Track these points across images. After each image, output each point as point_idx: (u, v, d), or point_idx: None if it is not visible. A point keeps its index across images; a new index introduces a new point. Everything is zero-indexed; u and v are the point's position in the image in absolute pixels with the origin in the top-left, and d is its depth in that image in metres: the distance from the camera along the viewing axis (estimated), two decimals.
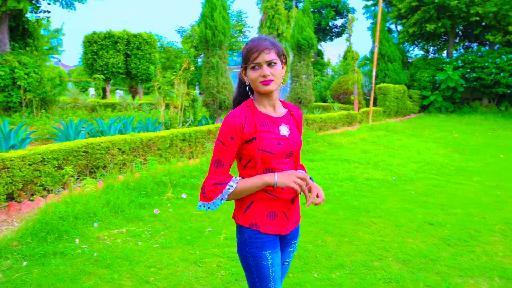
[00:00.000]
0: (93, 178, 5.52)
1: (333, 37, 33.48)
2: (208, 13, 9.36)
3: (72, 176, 5.37)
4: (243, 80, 1.76)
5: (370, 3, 26.51)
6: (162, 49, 27.95)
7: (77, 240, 3.77)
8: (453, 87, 19.56)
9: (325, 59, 29.20)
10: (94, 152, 5.67)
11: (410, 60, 24.78)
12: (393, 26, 25.87)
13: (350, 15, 15.14)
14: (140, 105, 17.46)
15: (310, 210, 4.74)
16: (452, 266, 3.39)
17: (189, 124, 9.53)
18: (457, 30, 22.57)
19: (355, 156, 8.40)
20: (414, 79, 21.38)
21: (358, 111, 14.70)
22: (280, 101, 1.83)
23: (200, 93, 17.65)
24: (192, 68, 9.54)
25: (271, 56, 1.64)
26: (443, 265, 3.41)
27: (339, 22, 32.81)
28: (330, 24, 31.85)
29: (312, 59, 12.59)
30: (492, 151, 9.43)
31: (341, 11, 30.86)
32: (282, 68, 1.70)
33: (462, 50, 23.36)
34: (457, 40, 23.28)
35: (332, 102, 18.38)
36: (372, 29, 20.08)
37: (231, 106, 9.79)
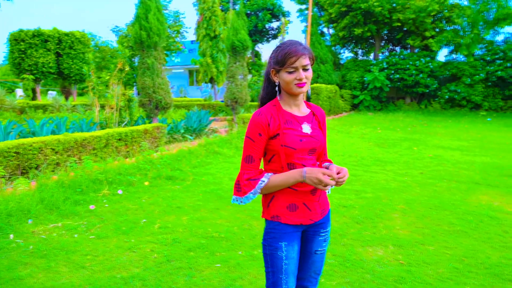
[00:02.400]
0: (26, 178, 5.52)
1: (270, 39, 34.43)
2: (143, 15, 9.48)
3: (3, 177, 5.34)
4: (273, 80, 1.85)
5: (303, 7, 27.70)
6: (97, 48, 27.09)
7: (11, 235, 3.88)
8: (380, 87, 21.16)
9: (263, 60, 30.01)
10: (26, 152, 5.67)
11: (341, 62, 26.29)
12: (325, 30, 27.27)
13: (283, 19, 15.87)
14: (74, 106, 16.93)
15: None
16: (357, 239, 3.98)
17: (126, 124, 9.59)
18: (382, 34, 24.38)
19: None
20: (345, 79, 22.77)
21: None
22: (305, 102, 1.94)
23: (138, 94, 17.50)
24: (127, 68, 9.63)
25: (306, 60, 1.75)
26: (349, 238, 3.99)
27: (275, 24, 33.81)
28: (267, 26, 32.72)
29: (249, 60, 13.05)
30: (407, 144, 10.51)
31: (277, 14, 31.87)
32: None
33: (387, 53, 25.24)
34: (382, 44, 25.14)
35: None
36: (306, 32, 21.12)
37: (167, 106, 10.02)
